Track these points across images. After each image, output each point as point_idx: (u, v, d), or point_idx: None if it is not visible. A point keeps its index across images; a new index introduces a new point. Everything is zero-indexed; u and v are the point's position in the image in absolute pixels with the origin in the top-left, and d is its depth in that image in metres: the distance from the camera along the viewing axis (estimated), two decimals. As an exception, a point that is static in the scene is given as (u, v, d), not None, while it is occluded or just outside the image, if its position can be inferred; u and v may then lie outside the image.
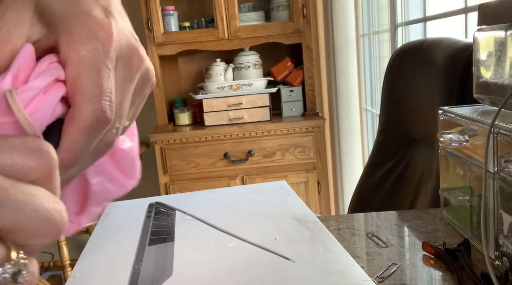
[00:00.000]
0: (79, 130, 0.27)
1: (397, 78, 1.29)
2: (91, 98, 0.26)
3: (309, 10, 2.41)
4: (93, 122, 0.27)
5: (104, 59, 0.27)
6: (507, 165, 0.61)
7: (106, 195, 0.36)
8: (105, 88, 0.27)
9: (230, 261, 0.62)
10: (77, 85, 0.26)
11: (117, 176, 0.35)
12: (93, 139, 0.28)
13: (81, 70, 0.26)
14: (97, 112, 0.27)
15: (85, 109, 0.26)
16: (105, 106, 0.27)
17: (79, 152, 0.27)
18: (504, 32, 0.71)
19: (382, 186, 1.31)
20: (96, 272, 0.62)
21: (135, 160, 0.36)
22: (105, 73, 0.27)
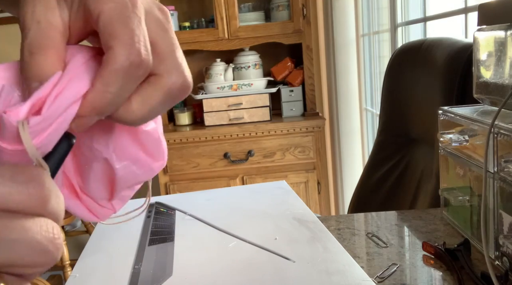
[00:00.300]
0: (112, 71, 0.27)
1: (397, 78, 1.29)
2: (124, 40, 0.27)
3: (309, 10, 2.41)
4: (127, 64, 0.27)
5: (132, 8, 0.27)
6: (507, 165, 0.61)
7: (134, 179, 0.35)
8: (138, 33, 0.27)
9: (230, 261, 0.62)
10: (110, 32, 0.27)
11: (143, 159, 0.34)
12: (127, 83, 0.27)
13: (111, 17, 0.27)
14: (132, 54, 0.27)
15: (119, 50, 0.27)
16: (140, 48, 0.27)
17: (111, 97, 0.27)
18: (504, 32, 0.71)
19: (382, 186, 1.31)
20: (96, 272, 0.62)
21: (159, 140, 0.35)
22: (135, 20, 0.27)
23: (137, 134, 0.34)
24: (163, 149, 0.36)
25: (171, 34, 0.30)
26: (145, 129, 0.34)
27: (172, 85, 0.29)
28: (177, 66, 0.29)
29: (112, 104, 0.28)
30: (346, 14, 2.36)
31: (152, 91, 0.29)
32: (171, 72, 0.29)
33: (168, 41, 0.30)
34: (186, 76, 0.29)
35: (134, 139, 0.34)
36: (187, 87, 0.30)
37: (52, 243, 0.24)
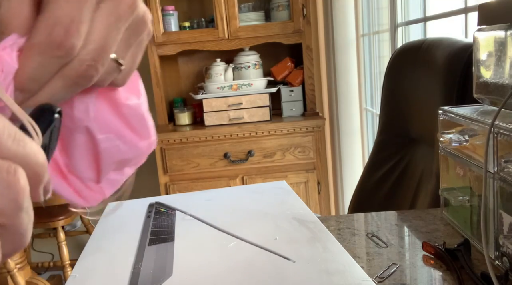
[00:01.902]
0: (29, 48, 0.26)
1: (397, 78, 1.29)
2: (47, 19, 0.26)
3: (309, 10, 2.41)
4: (44, 42, 0.26)
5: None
6: (507, 165, 0.61)
7: (118, 155, 0.34)
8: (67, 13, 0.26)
9: (230, 261, 0.62)
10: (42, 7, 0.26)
11: (128, 135, 0.34)
12: (46, 61, 0.27)
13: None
14: (50, 34, 0.26)
15: (38, 26, 0.26)
16: (60, 30, 0.26)
17: (32, 71, 0.27)
18: (504, 32, 0.71)
19: (382, 186, 1.31)
20: (96, 272, 0.62)
21: (144, 117, 0.34)
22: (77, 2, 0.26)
23: (118, 107, 0.33)
24: (148, 127, 0.35)
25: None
26: (126, 103, 0.33)
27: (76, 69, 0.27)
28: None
29: (34, 79, 0.27)
30: (346, 14, 2.36)
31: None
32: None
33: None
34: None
35: (116, 113, 0.33)
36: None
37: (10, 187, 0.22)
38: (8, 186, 0.21)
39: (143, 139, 0.35)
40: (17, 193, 0.22)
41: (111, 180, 0.36)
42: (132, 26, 0.30)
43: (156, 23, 2.37)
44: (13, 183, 0.22)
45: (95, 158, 0.34)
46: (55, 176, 0.33)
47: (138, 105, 0.34)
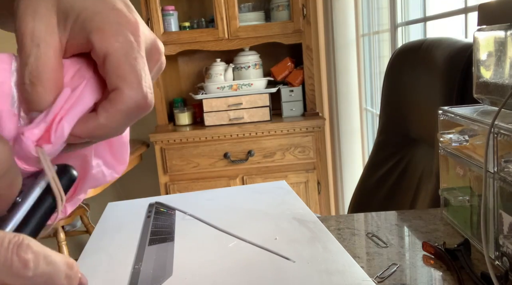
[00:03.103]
0: (118, 111, 0.27)
1: (397, 78, 1.29)
2: (132, 84, 0.27)
3: (309, 10, 2.41)
4: (133, 106, 0.28)
5: (137, 48, 0.28)
6: (507, 165, 0.61)
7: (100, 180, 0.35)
8: (144, 75, 0.28)
9: (230, 261, 0.62)
10: (118, 74, 0.27)
11: (110, 161, 0.35)
12: (129, 121, 0.29)
13: (120, 60, 0.27)
14: (139, 97, 0.28)
15: (127, 93, 0.27)
16: (147, 92, 0.28)
17: (111, 130, 0.28)
18: (504, 32, 0.71)
19: (382, 186, 1.31)
20: (96, 272, 0.62)
21: (126, 145, 0.36)
22: (141, 61, 0.28)
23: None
24: (127, 153, 0.36)
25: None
26: None
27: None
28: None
29: (109, 135, 0.29)
30: (346, 14, 2.36)
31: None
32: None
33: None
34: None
35: (106, 140, 0.34)
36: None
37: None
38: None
39: (120, 164, 0.36)
40: None
41: (77, 200, 0.37)
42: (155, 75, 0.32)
43: (156, 23, 2.37)
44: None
45: (80, 181, 0.35)
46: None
47: (126, 134, 0.35)
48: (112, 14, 0.28)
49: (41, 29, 0.27)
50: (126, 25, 0.28)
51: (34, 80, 0.27)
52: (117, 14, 0.28)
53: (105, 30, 0.27)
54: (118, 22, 0.28)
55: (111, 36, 0.27)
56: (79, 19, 0.28)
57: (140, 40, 0.28)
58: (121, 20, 0.28)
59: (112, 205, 0.87)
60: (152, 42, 0.30)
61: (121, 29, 0.28)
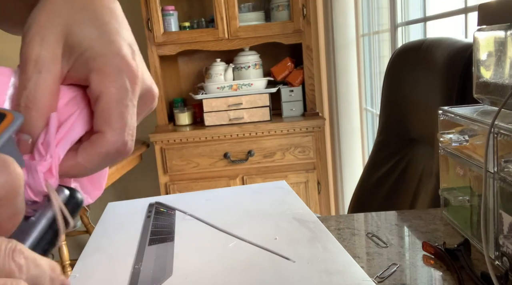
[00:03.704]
0: (97, 153, 0.29)
1: (397, 78, 1.29)
2: (115, 130, 0.29)
3: (309, 10, 2.41)
4: (113, 151, 0.29)
5: (131, 96, 0.29)
6: (507, 165, 0.61)
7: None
8: (129, 123, 0.29)
9: (230, 261, 0.62)
10: (105, 117, 0.29)
11: (87, 186, 0.35)
12: (106, 164, 0.30)
13: (110, 104, 0.28)
14: (119, 143, 0.29)
15: (108, 138, 0.29)
16: (128, 139, 0.29)
17: (86, 171, 0.30)
18: (504, 32, 0.71)
19: (382, 186, 1.31)
20: (96, 272, 0.62)
21: (106, 172, 0.36)
22: (131, 110, 0.29)
23: None
24: (105, 180, 0.37)
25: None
26: None
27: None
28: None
29: (84, 174, 0.30)
30: (346, 14, 2.36)
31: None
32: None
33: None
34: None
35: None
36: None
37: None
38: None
39: (96, 190, 0.37)
40: None
41: None
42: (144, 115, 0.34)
43: (156, 23, 2.37)
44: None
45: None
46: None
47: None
48: (116, 59, 0.29)
49: (46, 57, 0.28)
50: (126, 71, 0.29)
51: (30, 104, 0.28)
52: (121, 59, 0.29)
53: (104, 72, 0.29)
54: (120, 68, 0.29)
55: (109, 80, 0.29)
56: (83, 56, 0.29)
57: (136, 88, 0.30)
58: (123, 66, 0.29)
59: (112, 205, 0.87)
60: (148, 87, 0.32)
61: (120, 75, 0.29)
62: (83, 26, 0.29)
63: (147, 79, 0.32)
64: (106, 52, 0.29)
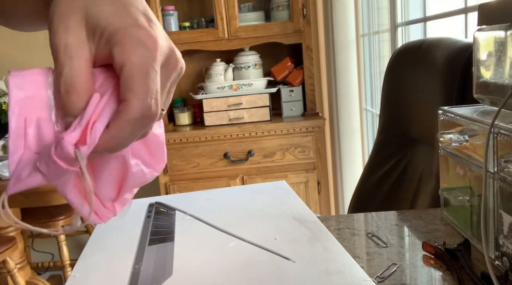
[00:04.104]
0: (126, 121, 0.30)
1: (397, 78, 1.29)
2: (138, 96, 0.30)
3: (309, 10, 2.41)
4: (139, 116, 0.30)
5: (152, 63, 0.30)
6: (507, 165, 0.61)
7: (142, 178, 0.38)
8: (151, 88, 0.30)
9: (230, 261, 0.62)
10: (128, 85, 0.30)
11: (148, 160, 0.38)
12: (137, 130, 0.31)
13: (132, 72, 0.30)
14: (144, 108, 0.30)
15: (133, 104, 0.30)
16: (151, 103, 0.30)
17: (122, 140, 0.31)
18: (504, 32, 0.71)
19: (382, 186, 1.31)
20: (96, 272, 0.62)
21: (163, 144, 0.39)
22: (152, 75, 0.30)
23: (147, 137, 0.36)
24: (164, 152, 0.39)
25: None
26: (154, 132, 0.37)
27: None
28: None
29: (122, 145, 0.32)
30: (346, 14, 2.36)
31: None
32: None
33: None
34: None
35: (144, 141, 0.37)
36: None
37: None
38: None
39: (159, 163, 0.39)
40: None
41: (123, 199, 0.40)
42: (174, 77, 0.35)
43: (156, 23, 2.37)
44: None
45: (121, 180, 0.38)
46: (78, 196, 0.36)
47: (162, 134, 0.38)
48: (133, 30, 0.30)
49: (73, 42, 0.30)
50: (145, 40, 0.30)
51: (68, 88, 0.30)
52: (138, 29, 0.31)
53: (124, 44, 0.30)
54: (138, 37, 0.30)
55: (129, 50, 0.30)
56: (105, 33, 0.30)
57: (156, 54, 0.31)
58: (141, 35, 0.30)
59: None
60: (169, 51, 0.33)
61: (139, 44, 0.30)
62: (99, 6, 0.31)
63: (167, 44, 0.33)
64: (123, 25, 0.30)
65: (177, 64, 0.34)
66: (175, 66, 0.34)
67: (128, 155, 0.36)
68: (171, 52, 0.33)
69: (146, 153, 0.37)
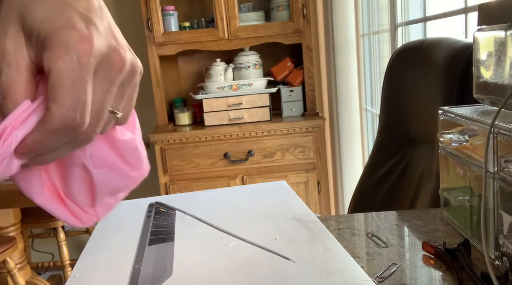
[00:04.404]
0: (46, 130, 0.29)
1: (397, 78, 1.29)
2: (62, 106, 0.29)
3: (309, 10, 2.41)
4: (60, 127, 0.29)
5: (80, 70, 0.29)
6: (507, 165, 0.61)
7: (112, 185, 0.37)
8: (77, 98, 0.29)
9: (230, 261, 0.62)
10: (52, 94, 0.29)
11: (121, 167, 0.37)
12: (60, 139, 0.30)
13: (57, 81, 0.28)
14: (67, 119, 0.29)
15: (54, 114, 0.29)
16: (76, 115, 0.29)
17: (46, 146, 0.30)
18: (504, 32, 0.71)
19: (382, 186, 1.31)
20: (96, 272, 0.62)
21: (137, 150, 0.37)
22: (80, 84, 0.29)
23: (114, 142, 0.36)
24: (141, 158, 0.38)
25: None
26: (122, 138, 0.36)
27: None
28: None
29: (48, 149, 0.30)
30: (346, 14, 2.36)
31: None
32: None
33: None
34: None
35: (112, 148, 0.36)
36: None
37: None
38: None
39: (135, 170, 0.38)
40: None
41: (106, 204, 0.39)
42: (124, 79, 0.32)
43: (156, 23, 2.37)
44: None
45: (90, 188, 0.37)
46: (52, 199, 0.36)
47: (133, 139, 0.37)
48: (64, 32, 0.29)
49: (10, 49, 0.29)
50: (76, 44, 0.28)
51: (5, 95, 0.29)
52: (69, 32, 0.29)
53: (53, 48, 0.28)
54: (66, 41, 0.28)
55: (56, 56, 0.28)
56: (39, 37, 0.29)
57: (88, 59, 0.29)
58: (72, 39, 0.28)
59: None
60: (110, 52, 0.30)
61: (68, 49, 0.28)
62: (34, 9, 0.29)
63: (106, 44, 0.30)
64: (54, 28, 0.29)
65: (121, 63, 0.31)
66: (119, 66, 0.31)
67: (89, 163, 0.35)
68: (112, 52, 0.31)
69: (117, 160, 0.36)
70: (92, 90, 0.30)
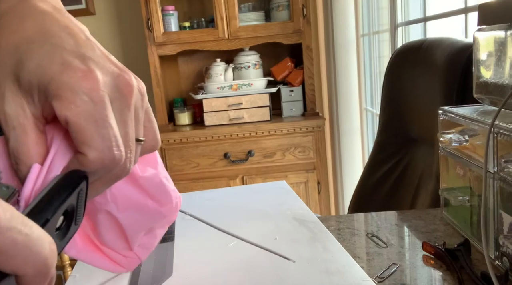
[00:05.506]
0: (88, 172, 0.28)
1: (397, 78, 1.29)
2: (96, 149, 0.28)
3: (309, 10, 2.41)
4: (100, 167, 0.28)
5: (96, 108, 0.28)
6: (507, 165, 0.61)
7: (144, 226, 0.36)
8: (108, 136, 0.28)
9: (230, 261, 0.62)
10: (80, 139, 0.27)
11: (149, 204, 0.35)
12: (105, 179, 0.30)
13: (80, 127, 0.27)
14: (104, 159, 0.28)
15: (91, 158, 0.28)
16: (112, 152, 0.28)
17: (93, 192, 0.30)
18: (504, 32, 0.71)
19: (382, 186, 1.31)
20: (96, 272, 0.62)
21: (162, 184, 0.36)
22: (102, 121, 0.28)
23: (136, 181, 0.35)
24: (168, 192, 0.36)
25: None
26: (143, 175, 0.35)
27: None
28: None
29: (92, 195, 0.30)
30: (346, 14, 2.36)
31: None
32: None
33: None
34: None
35: (135, 186, 0.35)
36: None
37: None
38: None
39: (163, 205, 0.36)
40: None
41: (144, 244, 0.38)
42: (136, 103, 0.31)
43: (156, 23, 2.37)
44: None
45: (121, 232, 0.36)
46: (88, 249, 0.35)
47: (155, 174, 0.35)
48: (63, 76, 0.28)
49: (11, 112, 0.28)
50: (80, 84, 0.28)
51: (18, 161, 0.28)
52: (67, 74, 0.28)
53: (61, 97, 0.27)
54: (70, 84, 0.27)
55: (67, 102, 0.27)
56: (40, 91, 0.28)
57: (99, 95, 0.28)
58: (74, 80, 0.28)
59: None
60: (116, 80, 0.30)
61: (74, 92, 0.27)
62: (24, 64, 0.28)
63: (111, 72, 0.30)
64: (51, 75, 0.28)
65: (130, 87, 0.30)
66: (129, 90, 0.30)
67: (112, 209, 0.34)
68: (118, 79, 0.30)
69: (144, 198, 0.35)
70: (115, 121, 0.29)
